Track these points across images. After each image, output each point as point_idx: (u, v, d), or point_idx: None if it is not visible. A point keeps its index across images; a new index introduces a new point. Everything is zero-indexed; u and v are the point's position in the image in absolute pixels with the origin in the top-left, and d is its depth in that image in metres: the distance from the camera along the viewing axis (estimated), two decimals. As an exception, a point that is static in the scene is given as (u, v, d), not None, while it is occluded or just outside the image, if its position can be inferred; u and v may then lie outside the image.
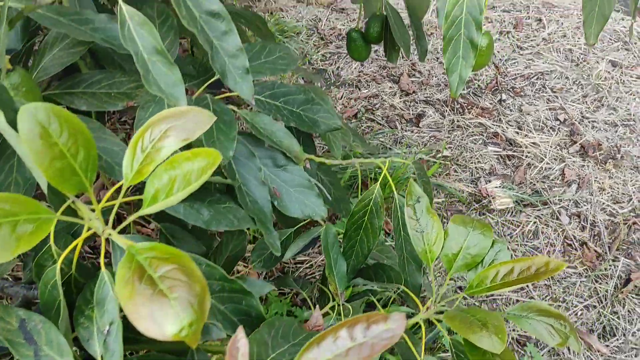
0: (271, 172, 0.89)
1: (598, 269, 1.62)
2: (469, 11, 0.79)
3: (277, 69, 0.96)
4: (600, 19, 1.03)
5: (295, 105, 0.96)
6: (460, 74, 0.83)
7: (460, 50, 0.81)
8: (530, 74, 2.27)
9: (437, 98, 2.19)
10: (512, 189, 1.83)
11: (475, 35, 0.80)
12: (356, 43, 1.43)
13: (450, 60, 0.81)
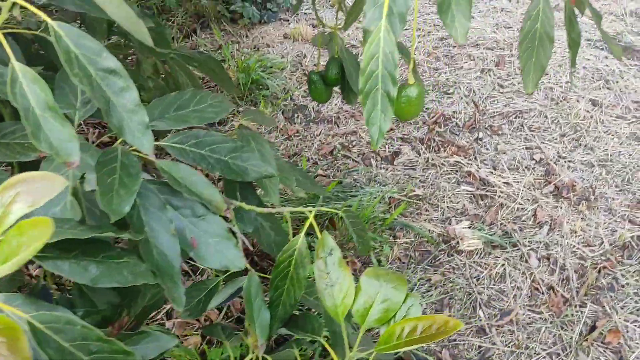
0: (190, 221, 0.89)
1: (564, 315, 1.58)
2: (385, 66, 0.80)
3: (205, 118, 0.97)
4: (538, 69, 1.02)
5: (223, 154, 0.97)
6: (380, 127, 0.83)
7: (378, 103, 0.81)
8: (509, 112, 2.26)
9: (414, 136, 2.19)
10: (482, 230, 1.81)
11: (391, 89, 0.80)
12: (316, 85, 1.45)
13: (369, 112, 0.82)
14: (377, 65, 0.78)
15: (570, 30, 1.06)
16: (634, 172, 1.98)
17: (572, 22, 1.05)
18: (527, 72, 1.03)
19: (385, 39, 0.77)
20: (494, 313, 1.61)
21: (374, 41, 0.78)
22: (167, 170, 0.88)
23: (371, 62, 0.79)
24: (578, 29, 1.06)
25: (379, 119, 0.78)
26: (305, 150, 2.18)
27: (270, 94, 2.45)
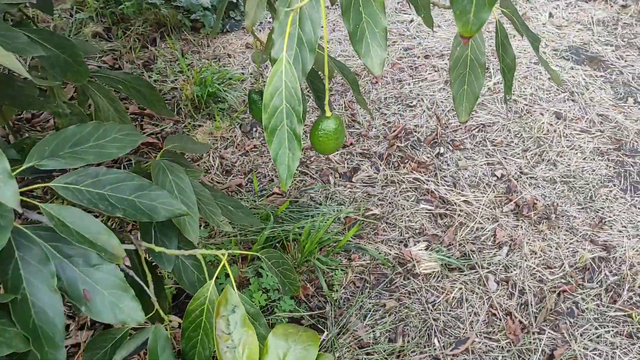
0: (83, 271, 0.80)
1: (521, 343, 1.52)
2: (288, 102, 0.73)
3: (105, 154, 0.89)
4: (470, 97, 0.96)
5: (127, 192, 0.88)
6: (288, 166, 0.76)
7: (285, 141, 0.74)
8: (472, 126, 2.20)
9: (374, 151, 2.12)
10: (439, 251, 1.74)
11: (297, 126, 0.73)
12: (257, 105, 1.36)
13: (276, 151, 0.75)
14: (280, 100, 0.71)
15: (504, 56, 0.99)
16: (596, 189, 1.93)
17: (505, 46, 0.98)
18: (460, 100, 0.96)
19: (287, 72, 0.71)
20: (449, 341, 1.54)
21: (275, 74, 0.71)
22: (54, 215, 0.79)
23: (274, 97, 0.72)
24: (512, 54, 0.99)
25: (286, 157, 0.71)
26: (262, 167, 2.10)
27: (228, 106, 2.36)
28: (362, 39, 0.78)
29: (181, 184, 1.02)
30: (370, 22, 0.76)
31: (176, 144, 1.16)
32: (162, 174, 1.02)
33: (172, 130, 2.25)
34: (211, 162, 2.12)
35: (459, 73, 0.95)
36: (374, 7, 0.75)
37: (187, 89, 2.38)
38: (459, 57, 0.94)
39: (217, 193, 1.19)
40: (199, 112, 2.34)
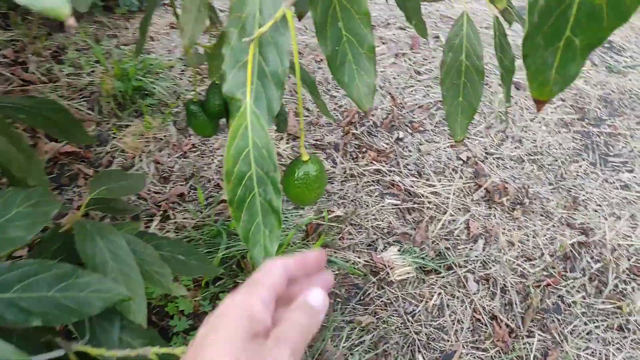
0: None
1: (511, 351, 1.41)
2: (260, 166, 0.52)
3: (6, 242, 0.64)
4: (467, 110, 0.77)
5: (45, 288, 0.65)
6: (265, 247, 0.56)
7: (258, 216, 0.55)
8: (430, 104, 2.04)
9: (328, 141, 1.92)
10: (412, 253, 1.59)
11: (274, 197, 0.54)
12: (197, 118, 1.12)
13: (247, 229, 0.56)
14: (247, 164, 0.52)
15: (503, 57, 0.81)
16: (566, 165, 1.82)
17: (504, 46, 0.79)
18: (454, 115, 0.78)
19: (254, 127, 0.51)
20: (434, 356, 1.41)
21: (238, 130, 0.51)
22: None
23: (239, 161, 0.52)
24: (511, 55, 0.81)
25: (262, 237, 0.54)
26: (205, 170, 1.86)
27: (157, 100, 2.08)
28: (344, 63, 0.57)
29: (116, 250, 0.79)
30: (354, 41, 0.56)
31: (104, 188, 0.91)
32: (89, 241, 0.78)
33: (95, 134, 1.95)
34: (145, 168, 1.85)
35: (452, 83, 0.76)
36: (356, 21, 0.55)
37: (107, 82, 2.06)
38: (452, 63, 0.75)
39: (162, 241, 0.96)
40: (124, 109, 2.04)
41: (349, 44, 0.53)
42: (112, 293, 0.68)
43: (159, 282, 0.85)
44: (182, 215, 1.70)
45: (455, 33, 0.69)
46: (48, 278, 0.65)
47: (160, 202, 1.74)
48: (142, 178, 1.03)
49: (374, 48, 0.53)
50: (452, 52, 0.70)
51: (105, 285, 0.67)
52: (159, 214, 1.70)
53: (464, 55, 0.71)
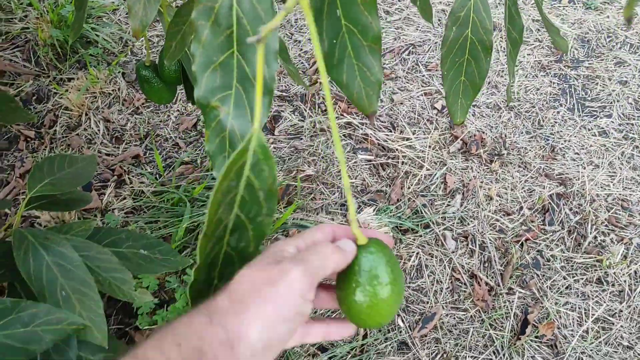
0: None
1: (491, 310, 1.37)
2: (246, 211, 0.41)
3: None
4: (469, 92, 0.67)
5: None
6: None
7: (216, 268, 0.44)
8: (401, 48, 1.90)
9: (295, 92, 1.78)
10: (387, 212, 1.51)
11: (250, 246, 0.44)
12: (150, 84, 0.98)
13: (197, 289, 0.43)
14: (229, 210, 0.40)
15: (511, 28, 0.70)
16: (544, 111, 1.75)
17: (514, 17, 0.68)
18: (454, 97, 0.67)
19: (256, 162, 0.37)
20: (414, 319, 1.36)
21: (234, 167, 0.36)
22: None
23: (223, 203, 0.38)
24: (521, 25, 0.70)
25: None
26: (161, 127, 1.70)
27: (102, 49, 1.87)
28: (343, 59, 0.46)
29: (66, 263, 0.67)
30: (355, 31, 0.44)
31: (46, 182, 0.77)
32: (32, 256, 0.65)
33: (33, 90, 1.75)
34: (94, 128, 1.68)
35: (454, 61, 0.65)
36: (360, 8, 0.43)
37: (44, 30, 1.83)
38: (456, 39, 0.63)
39: (121, 236, 0.84)
40: (64, 60, 1.83)
41: (350, 35, 0.41)
42: (65, 323, 0.58)
43: (121, 290, 0.73)
44: (139, 179, 1.56)
45: (462, 4, 0.58)
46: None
47: (114, 166, 1.60)
48: (93, 160, 0.89)
49: (379, 38, 0.42)
50: (456, 27, 0.58)
51: (56, 316, 0.57)
52: (113, 179, 1.56)
53: (470, 29, 0.59)
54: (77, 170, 0.84)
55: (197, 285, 0.40)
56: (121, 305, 1.35)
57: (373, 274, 0.40)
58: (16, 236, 0.66)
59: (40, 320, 0.57)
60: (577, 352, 1.31)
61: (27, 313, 0.56)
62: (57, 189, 0.76)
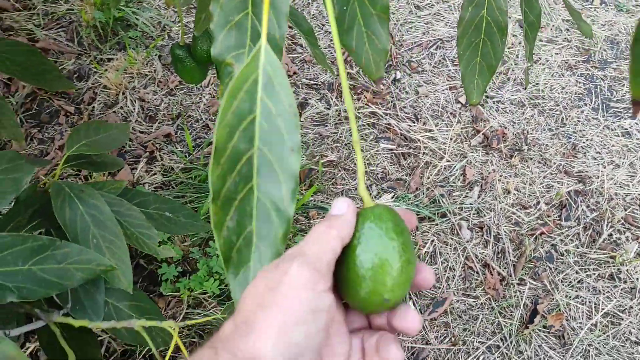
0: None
1: (502, 299, 1.41)
2: (268, 144, 0.40)
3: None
4: (485, 72, 0.71)
5: (21, 261, 0.60)
6: (253, 271, 0.41)
7: (252, 222, 0.37)
8: (429, 42, 1.94)
9: (322, 81, 1.83)
10: (406, 199, 1.56)
11: (286, 197, 0.41)
12: (183, 63, 1.04)
13: (229, 242, 0.33)
14: (249, 139, 0.34)
15: (528, 11, 0.74)
16: (568, 110, 1.77)
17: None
18: (470, 76, 0.72)
19: (268, 80, 0.34)
20: (425, 303, 1.41)
21: (243, 85, 0.34)
22: None
23: (237, 132, 0.34)
24: (538, 9, 0.73)
25: (251, 254, 0.36)
26: (192, 109, 1.78)
27: (141, 33, 1.96)
28: (353, 26, 0.50)
29: (98, 214, 0.74)
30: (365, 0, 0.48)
31: (83, 143, 0.85)
32: (69, 206, 0.72)
33: (74, 69, 1.85)
34: (129, 106, 1.77)
35: (470, 41, 0.70)
36: (370, -24, 0.47)
37: (87, 12, 1.93)
38: (472, 20, 0.68)
39: (148, 198, 0.91)
40: (105, 41, 1.92)
41: (359, 3, 0.46)
42: (94, 264, 0.64)
43: (146, 244, 0.80)
44: (169, 157, 1.64)
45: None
46: (23, 251, 0.60)
47: (147, 143, 1.68)
48: (126, 128, 0.96)
49: (388, 8, 0.46)
50: (472, 7, 0.62)
51: (87, 256, 0.63)
52: (144, 156, 1.64)
53: (485, 10, 0.63)
54: (111, 135, 0.91)
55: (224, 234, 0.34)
56: (147, 273, 1.43)
57: (379, 257, 0.34)
58: (55, 188, 0.73)
59: (72, 259, 0.63)
60: (584, 344, 1.33)
61: (60, 252, 0.63)
62: (92, 150, 0.83)
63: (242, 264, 0.34)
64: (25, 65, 0.89)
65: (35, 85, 0.89)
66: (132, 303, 0.82)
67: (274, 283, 0.32)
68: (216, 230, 0.34)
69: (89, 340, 0.82)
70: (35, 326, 0.66)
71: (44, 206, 0.77)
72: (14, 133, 0.88)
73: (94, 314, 0.76)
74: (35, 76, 0.89)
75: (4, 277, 0.58)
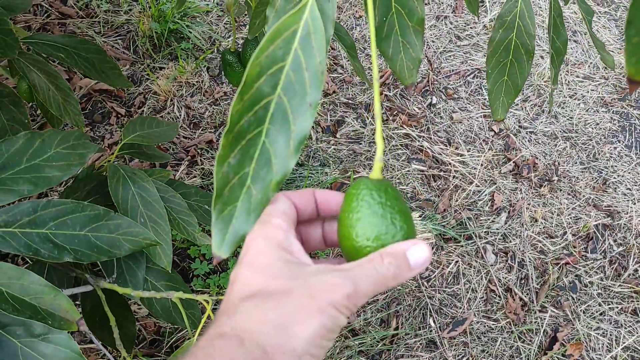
0: (25, 344, 0.61)
1: (522, 324, 1.42)
2: (290, 94, 0.37)
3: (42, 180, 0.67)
4: (511, 90, 0.76)
5: (78, 227, 0.67)
6: (237, 215, 0.40)
7: (252, 164, 0.36)
8: (467, 71, 1.99)
9: (360, 101, 1.90)
10: (434, 220, 1.60)
11: (290, 147, 0.41)
12: (233, 68, 1.13)
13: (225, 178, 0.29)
14: (273, 85, 0.35)
15: (555, 37, 0.79)
16: (600, 145, 1.79)
17: (558, 26, 0.77)
18: (497, 94, 0.77)
19: (307, 35, 0.35)
20: (445, 322, 1.43)
21: (283, 33, 0.34)
22: (-26, 279, 0.58)
23: (265, 75, 0.34)
24: (564, 36, 0.78)
25: (242, 195, 0.35)
26: (234, 119, 1.86)
27: (192, 45, 2.07)
28: (390, 35, 0.56)
29: (147, 196, 0.81)
30: (402, 12, 0.55)
31: (137, 134, 0.93)
32: (122, 186, 0.80)
33: (128, 74, 1.97)
34: (176, 113, 1.87)
35: (499, 61, 0.75)
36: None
37: (144, 23, 2.06)
38: (502, 40, 0.73)
39: (190, 190, 0.99)
40: (158, 51, 2.05)
41: (398, 15, 0.52)
42: (141, 237, 0.71)
43: (186, 230, 0.87)
44: (209, 162, 1.72)
45: (509, 9, 0.68)
46: (82, 218, 0.67)
47: (189, 147, 1.77)
48: (175, 127, 1.04)
49: (423, 21, 0.52)
50: (502, 29, 0.68)
51: (135, 229, 0.70)
52: (186, 159, 1.73)
53: (514, 33, 0.69)
54: (162, 131, 1.00)
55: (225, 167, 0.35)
56: (180, 270, 1.50)
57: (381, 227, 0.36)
58: (111, 169, 0.81)
59: (122, 230, 0.70)
60: (602, 375, 1.34)
61: (113, 222, 0.70)
62: (145, 141, 0.91)
63: (231, 201, 0.34)
64: (92, 61, 0.99)
65: (99, 79, 0.98)
66: (168, 283, 0.89)
67: (310, 288, 0.33)
68: (218, 165, 0.34)
69: (127, 315, 0.89)
70: (85, 289, 0.73)
71: (99, 185, 0.85)
72: (77, 120, 0.97)
73: (134, 287, 0.83)
74: (100, 73, 0.99)
75: (64, 239, 0.65)
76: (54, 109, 0.94)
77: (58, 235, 0.65)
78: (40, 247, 0.64)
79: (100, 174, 0.88)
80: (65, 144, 0.69)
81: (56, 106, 0.94)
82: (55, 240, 0.65)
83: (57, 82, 0.94)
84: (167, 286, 0.89)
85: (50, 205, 0.65)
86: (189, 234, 0.90)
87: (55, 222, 0.65)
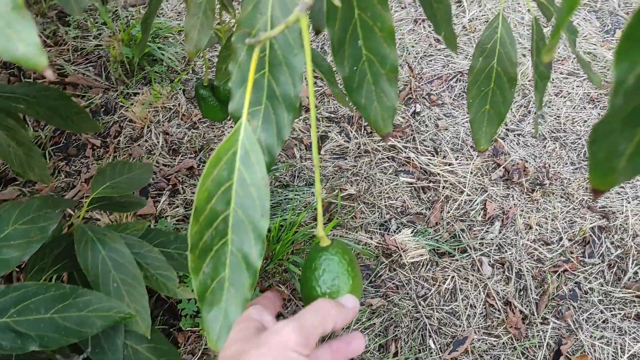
0: None
1: (524, 338, 1.38)
2: (242, 208, 0.42)
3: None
4: (494, 120, 0.72)
5: (43, 310, 0.62)
6: (225, 311, 0.39)
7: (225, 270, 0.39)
8: (449, 75, 1.95)
9: (342, 114, 1.85)
10: (426, 234, 1.55)
11: (253, 250, 0.41)
12: (207, 102, 1.07)
13: (205, 285, 0.39)
14: (226, 202, 0.38)
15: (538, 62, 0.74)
16: (589, 144, 1.75)
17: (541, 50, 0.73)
18: (479, 124, 0.72)
19: (246, 155, 0.38)
20: (446, 342, 1.39)
21: (224, 155, 0.38)
22: None
23: (216, 196, 0.38)
24: (552, 59, 0.74)
25: (224, 295, 0.39)
26: (215, 142, 1.81)
27: (166, 67, 2.01)
28: (362, 84, 0.51)
29: (119, 257, 0.76)
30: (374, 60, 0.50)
31: (107, 185, 0.87)
32: (90, 249, 0.74)
33: (102, 102, 1.90)
34: (154, 140, 1.81)
35: (480, 90, 0.70)
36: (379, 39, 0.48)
37: (115, 48, 1.99)
38: (482, 69, 0.69)
39: (169, 237, 0.93)
40: (132, 76, 1.98)
41: (369, 63, 0.47)
42: (114, 311, 0.65)
43: (165, 286, 0.82)
44: (191, 190, 1.66)
45: (489, 36, 0.63)
46: (46, 300, 0.62)
47: (169, 176, 1.71)
48: (150, 168, 0.98)
49: (396, 69, 0.47)
50: (482, 58, 0.63)
51: (107, 304, 0.64)
52: (167, 189, 1.67)
53: (496, 60, 0.64)
54: (135, 176, 0.94)
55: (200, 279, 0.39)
56: (167, 307, 1.44)
57: (334, 282, 0.44)
58: (78, 231, 0.75)
59: (93, 307, 0.65)
60: (610, 387, 1.30)
61: (82, 299, 0.64)
62: (116, 192, 0.85)
63: (215, 302, 0.39)
64: (55, 108, 0.93)
65: (63, 128, 0.93)
66: (150, 345, 0.83)
67: (261, 341, 0.38)
68: (193, 274, 0.38)
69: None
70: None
71: (68, 248, 0.79)
72: (42, 175, 0.91)
73: (113, 357, 0.77)
74: (64, 119, 0.93)
75: (27, 325, 0.60)
76: (15, 167, 0.88)
77: (21, 322, 0.60)
78: (1, 338, 0.58)
79: (68, 236, 0.82)
80: (25, 217, 0.64)
81: (18, 163, 0.88)
82: (18, 329, 0.59)
83: (17, 136, 0.88)
84: (149, 348, 0.84)
85: (10, 290, 0.59)
86: (169, 290, 0.84)
87: (17, 307, 0.60)
